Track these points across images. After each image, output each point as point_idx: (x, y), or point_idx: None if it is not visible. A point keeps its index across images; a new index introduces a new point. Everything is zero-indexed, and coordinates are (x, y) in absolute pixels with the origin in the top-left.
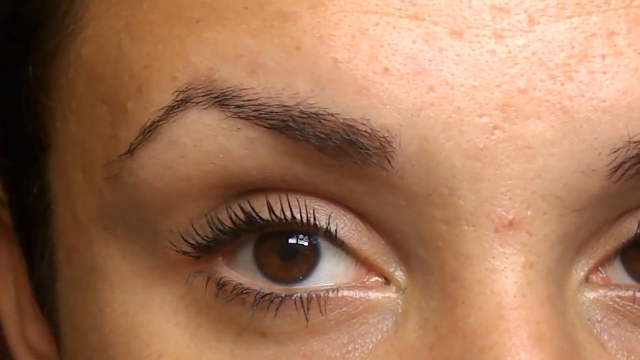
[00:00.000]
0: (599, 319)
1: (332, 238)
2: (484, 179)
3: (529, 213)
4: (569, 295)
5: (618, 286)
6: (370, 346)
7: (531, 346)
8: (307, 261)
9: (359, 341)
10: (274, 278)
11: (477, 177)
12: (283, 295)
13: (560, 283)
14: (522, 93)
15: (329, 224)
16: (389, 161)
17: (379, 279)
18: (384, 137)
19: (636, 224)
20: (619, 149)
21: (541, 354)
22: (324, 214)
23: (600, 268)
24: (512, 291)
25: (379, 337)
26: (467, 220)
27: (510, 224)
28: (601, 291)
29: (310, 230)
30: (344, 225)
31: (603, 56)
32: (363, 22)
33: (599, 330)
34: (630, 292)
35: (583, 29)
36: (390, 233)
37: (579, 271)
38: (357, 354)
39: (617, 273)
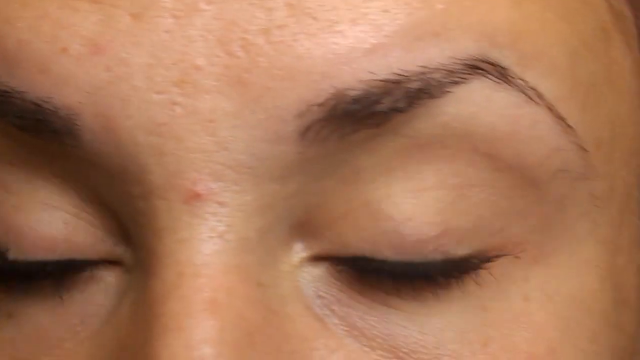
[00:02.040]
0: (321, 295)
1: None
2: (167, 154)
3: (218, 184)
4: (284, 268)
5: (341, 262)
6: (97, 326)
7: (201, 311)
8: None
9: (87, 321)
10: None
11: (161, 152)
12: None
13: (266, 254)
14: (198, 70)
15: None
16: (78, 139)
17: (108, 264)
18: (67, 116)
19: None
20: (303, 113)
21: (212, 319)
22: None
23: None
24: (195, 260)
25: (105, 317)
26: (158, 194)
27: (198, 196)
28: (325, 268)
29: None
30: None
31: (281, 27)
32: (46, 4)
33: (319, 306)
34: (349, 268)
35: (262, 4)
36: (111, 214)
37: (304, 248)
38: (85, 334)
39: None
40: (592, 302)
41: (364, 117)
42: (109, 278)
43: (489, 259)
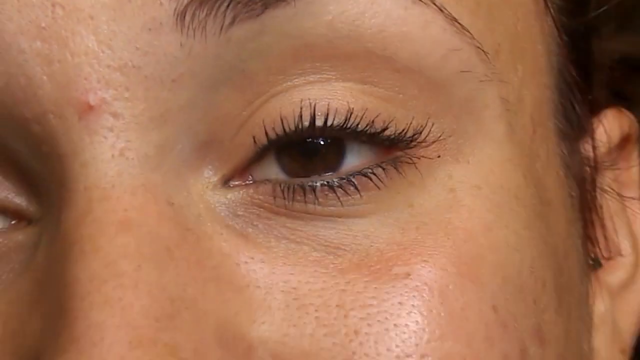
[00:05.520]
0: (239, 214)
1: None
2: (54, 61)
3: (108, 92)
4: (195, 190)
5: (259, 182)
6: (13, 279)
7: (114, 232)
8: None
9: (3, 277)
10: None
11: (47, 59)
12: None
13: (172, 175)
14: None
15: None
16: None
17: (23, 222)
18: None
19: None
20: None
21: (126, 236)
22: None
23: (243, 173)
24: (101, 184)
25: (20, 270)
26: (53, 112)
27: (91, 108)
28: (242, 192)
29: None
30: None
31: None
32: None
33: (239, 223)
34: (269, 187)
35: None
36: (17, 162)
37: (214, 171)
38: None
39: (271, 170)
40: (520, 194)
41: (241, 3)
42: (20, 237)
43: (411, 146)
